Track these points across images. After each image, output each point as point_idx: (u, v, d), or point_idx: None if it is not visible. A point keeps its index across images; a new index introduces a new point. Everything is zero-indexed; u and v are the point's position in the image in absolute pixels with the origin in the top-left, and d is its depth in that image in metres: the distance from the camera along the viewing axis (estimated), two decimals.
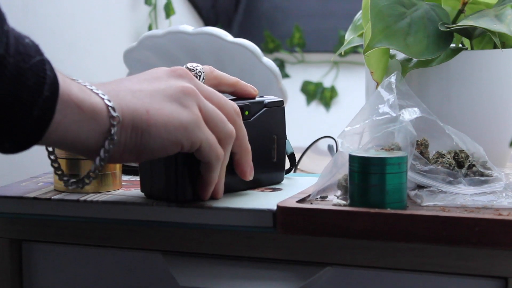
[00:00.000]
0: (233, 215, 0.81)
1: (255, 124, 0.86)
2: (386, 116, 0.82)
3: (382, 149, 0.81)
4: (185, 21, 1.63)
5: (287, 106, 1.14)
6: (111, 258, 0.88)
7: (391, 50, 0.95)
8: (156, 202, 0.83)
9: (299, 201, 0.80)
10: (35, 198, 0.87)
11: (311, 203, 0.81)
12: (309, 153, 1.10)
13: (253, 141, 0.83)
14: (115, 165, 0.89)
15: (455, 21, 0.95)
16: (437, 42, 0.91)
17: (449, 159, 0.85)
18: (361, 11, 0.99)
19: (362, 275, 0.79)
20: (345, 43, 1.03)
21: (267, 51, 1.71)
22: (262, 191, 0.88)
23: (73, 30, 1.30)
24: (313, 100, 1.67)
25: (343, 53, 1.04)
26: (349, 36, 1.03)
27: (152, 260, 0.86)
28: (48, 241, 0.89)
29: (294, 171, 0.96)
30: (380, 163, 0.76)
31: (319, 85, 1.66)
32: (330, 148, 1.13)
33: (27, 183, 0.94)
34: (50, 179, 0.96)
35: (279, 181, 0.91)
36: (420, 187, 0.84)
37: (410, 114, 0.83)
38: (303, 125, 1.64)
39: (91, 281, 0.89)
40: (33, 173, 1.02)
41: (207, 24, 1.70)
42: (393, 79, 0.85)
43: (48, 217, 0.87)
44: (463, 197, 0.80)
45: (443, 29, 0.91)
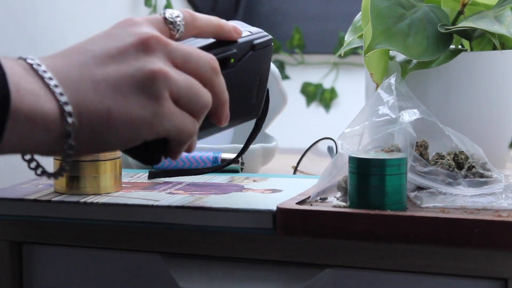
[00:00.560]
0: (232, 217, 0.81)
1: (239, 70, 0.78)
2: (385, 117, 0.82)
3: (382, 150, 0.81)
4: None
5: (287, 107, 1.15)
6: (111, 259, 0.88)
7: (390, 51, 0.95)
8: (156, 202, 0.83)
9: (299, 203, 0.80)
10: (35, 200, 0.87)
11: (311, 205, 0.81)
12: (309, 154, 1.10)
13: (234, 87, 0.76)
14: (116, 166, 0.89)
15: (454, 23, 0.95)
16: (436, 43, 0.91)
17: (448, 160, 0.85)
18: (360, 13, 0.99)
19: (362, 276, 0.79)
20: (344, 45, 1.03)
21: None
22: (262, 193, 0.88)
23: (73, 31, 1.30)
24: (313, 101, 1.67)
25: (342, 55, 1.04)
26: (348, 37, 1.03)
27: (152, 261, 0.86)
28: (48, 243, 0.89)
29: (294, 173, 0.95)
30: (380, 164, 0.76)
31: (319, 86, 1.66)
32: (330, 149, 1.13)
33: (27, 185, 0.94)
34: (50, 181, 0.96)
35: (254, 118, 0.84)
36: (420, 188, 0.84)
37: (409, 115, 0.83)
38: (303, 126, 1.63)
39: (91, 283, 0.89)
40: (33, 175, 1.01)
41: None
42: (392, 80, 0.85)
43: (48, 219, 0.87)
44: (462, 199, 0.80)
45: (442, 30, 0.91)
